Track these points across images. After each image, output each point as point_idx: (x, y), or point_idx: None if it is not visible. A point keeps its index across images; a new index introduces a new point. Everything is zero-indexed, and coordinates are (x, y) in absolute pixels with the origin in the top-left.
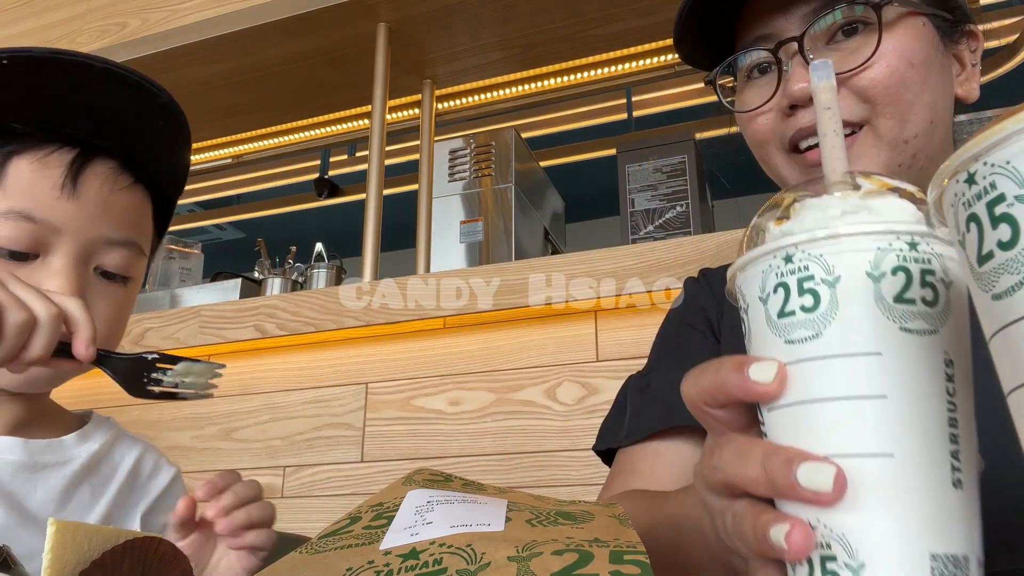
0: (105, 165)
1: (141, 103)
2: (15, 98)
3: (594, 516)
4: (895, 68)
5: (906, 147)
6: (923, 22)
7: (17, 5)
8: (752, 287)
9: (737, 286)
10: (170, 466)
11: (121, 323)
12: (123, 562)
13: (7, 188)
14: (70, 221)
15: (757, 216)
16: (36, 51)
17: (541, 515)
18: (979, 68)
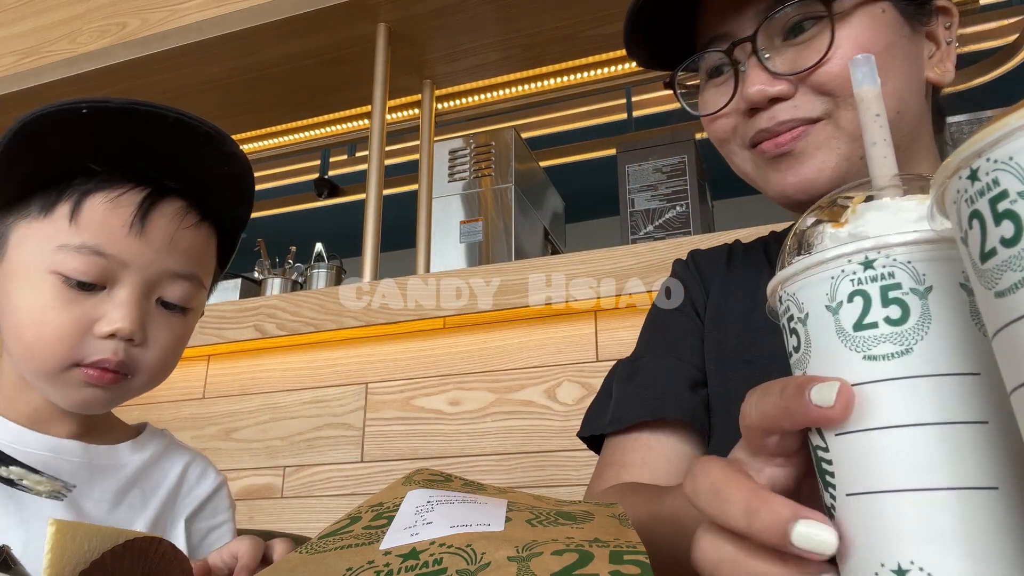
0: (173, 205)
1: (209, 150)
2: (93, 142)
3: (594, 516)
4: (844, 61)
5: None
6: (882, 8)
7: (17, 5)
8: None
9: (788, 296)
10: (216, 475)
11: (177, 352)
12: (123, 562)
13: (81, 224)
14: (137, 257)
15: (805, 217)
16: (114, 102)
17: (541, 515)
18: (955, 45)
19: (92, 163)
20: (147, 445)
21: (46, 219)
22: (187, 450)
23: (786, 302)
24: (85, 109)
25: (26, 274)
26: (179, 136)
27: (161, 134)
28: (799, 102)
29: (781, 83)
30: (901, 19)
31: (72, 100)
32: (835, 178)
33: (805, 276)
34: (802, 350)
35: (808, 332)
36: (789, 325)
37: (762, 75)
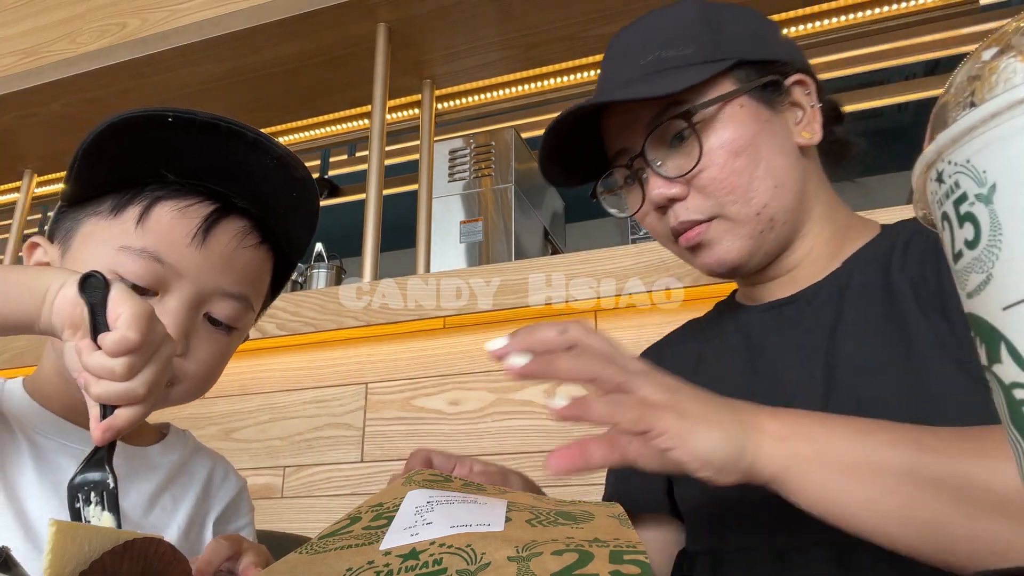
0: (236, 223)
1: (281, 173)
2: (172, 151)
3: (594, 516)
4: (724, 163)
5: (759, 218)
6: (740, 104)
7: (17, 5)
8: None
9: (957, 166)
10: (238, 478)
11: (217, 369)
12: (122, 562)
13: (146, 228)
14: (193, 269)
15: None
16: (200, 115)
17: (541, 515)
18: (818, 106)
19: (167, 171)
20: (175, 446)
21: (115, 219)
22: (210, 452)
23: (952, 178)
24: (171, 118)
25: (85, 270)
26: (254, 155)
27: (237, 151)
28: (691, 203)
29: (675, 186)
30: (761, 105)
31: (159, 108)
32: (743, 253)
33: (990, 129)
34: (983, 243)
35: (995, 213)
36: (957, 210)
37: (658, 181)
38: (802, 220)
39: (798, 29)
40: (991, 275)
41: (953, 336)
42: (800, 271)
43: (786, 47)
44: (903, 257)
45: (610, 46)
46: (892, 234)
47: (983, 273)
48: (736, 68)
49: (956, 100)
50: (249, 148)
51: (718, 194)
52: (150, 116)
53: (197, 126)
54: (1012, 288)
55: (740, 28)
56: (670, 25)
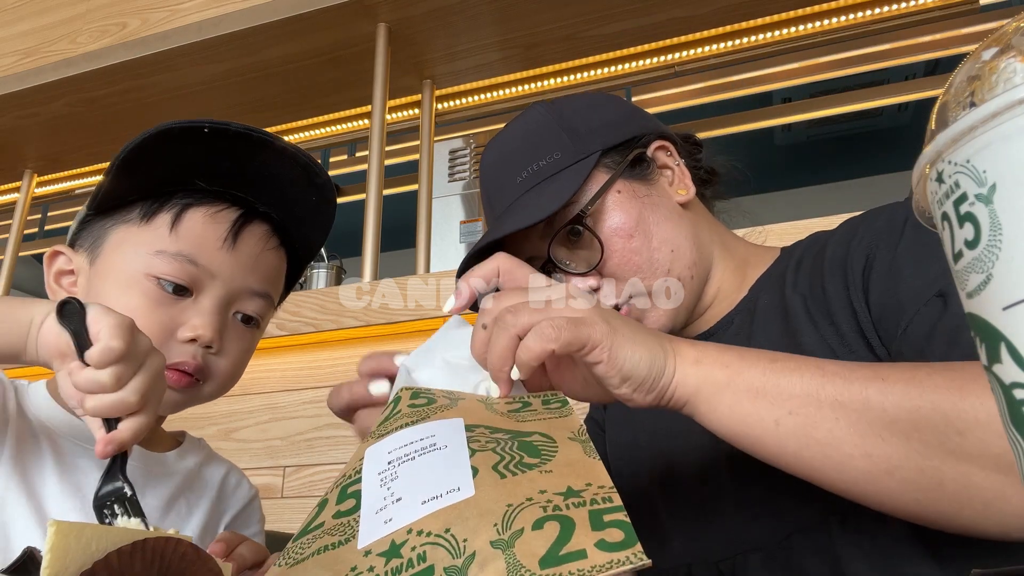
0: (261, 227)
1: (305, 180)
2: (204, 159)
3: (556, 444)
4: (622, 248)
5: (670, 279)
6: (618, 190)
7: (17, 5)
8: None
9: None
10: (250, 487)
11: (244, 363)
12: (134, 562)
13: (180, 233)
14: (224, 270)
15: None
16: (233, 126)
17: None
18: (683, 163)
19: (199, 179)
20: (190, 453)
21: (146, 226)
22: (223, 460)
23: (952, 177)
24: (207, 129)
25: (120, 275)
26: (280, 163)
27: (264, 159)
28: (607, 290)
29: (589, 279)
30: (636, 184)
31: (194, 120)
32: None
33: (990, 129)
34: (983, 243)
35: (995, 213)
36: (957, 210)
37: (573, 277)
38: (706, 266)
39: (798, 29)
40: (991, 275)
41: (841, 341)
42: (714, 308)
43: (638, 120)
44: (795, 275)
45: (482, 170)
46: (787, 256)
47: (983, 273)
48: (603, 157)
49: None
50: (276, 156)
51: (627, 275)
52: (186, 128)
53: (230, 136)
54: (1012, 288)
55: (594, 120)
56: (532, 137)
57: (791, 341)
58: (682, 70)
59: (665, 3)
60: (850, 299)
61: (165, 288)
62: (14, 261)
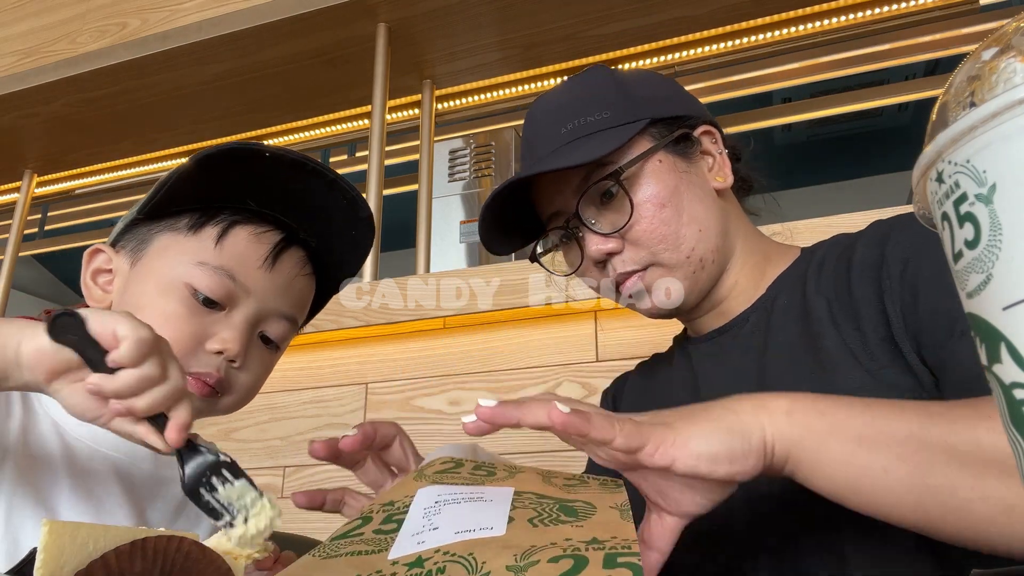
0: (298, 253)
1: (348, 212)
2: (257, 181)
3: (596, 510)
4: (652, 216)
5: (691, 260)
6: (659, 159)
7: (17, 5)
8: (1008, 156)
9: (957, 166)
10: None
11: (261, 383)
12: (133, 562)
13: (224, 248)
14: (259, 289)
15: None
16: (291, 155)
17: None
18: (725, 153)
19: (251, 200)
20: None
21: (193, 236)
22: None
23: (952, 178)
24: (268, 154)
25: (160, 280)
26: (328, 194)
27: (314, 188)
28: (627, 255)
29: (610, 241)
30: (676, 158)
31: (257, 144)
32: (682, 294)
33: (990, 129)
34: (983, 243)
35: (995, 213)
36: (957, 210)
37: (595, 237)
38: (727, 256)
39: (798, 29)
40: (991, 275)
41: (864, 347)
42: (729, 302)
43: (690, 103)
44: (818, 276)
45: (529, 117)
46: (808, 256)
47: (983, 273)
48: (650, 126)
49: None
50: (325, 187)
51: (650, 244)
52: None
53: (287, 163)
54: (1012, 288)
55: (648, 91)
56: (585, 93)
57: (811, 343)
58: (682, 70)
59: (665, 3)
60: (883, 304)
61: (198, 299)
62: (14, 261)
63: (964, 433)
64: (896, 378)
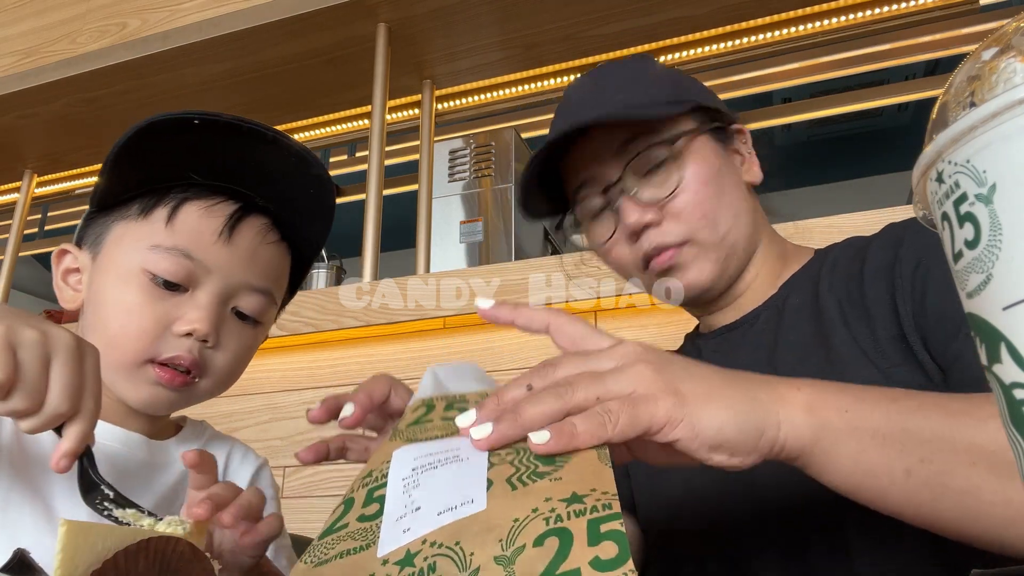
0: (259, 220)
1: (300, 171)
2: (197, 153)
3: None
4: (696, 191)
5: (725, 243)
6: (704, 140)
7: (17, 5)
8: (1008, 156)
9: (957, 166)
10: (256, 457)
11: (244, 361)
12: (138, 561)
13: (176, 228)
14: (221, 264)
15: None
16: (224, 117)
17: (521, 467)
18: (754, 154)
19: (194, 173)
20: (191, 439)
21: (144, 220)
22: (227, 438)
23: (952, 178)
24: (197, 120)
25: (118, 270)
26: (273, 154)
27: (258, 151)
28: (665, 228)
29: (650, 212)
30: (718, 145)
31: (184, 111)
32: (713, 276)
33: (990, 129)
34: (983, 243)
35: (995, 213)
36: (957, 210)
37: (635, 207)
38: (752, 250)
39: (798, 29)
40: (991, 275)
41: (876, 346)
42: (745, 298)
43: (720, 103)
44: (830, 276)
45: (575, 85)
46: (822, 257)
47: (983, 273)
48: (695, 111)
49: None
50: (269, 147)
51: (690, 219)
52: (177, 119)
53: (220, 127)
54: (1012, 288)
55: (691, 82)
56: (632, 74)
57: (822, 342)
58: (682, 70)
59: (665, 3)
60: (895, 303)
61: (158, 283)
62: (14, 261)
63: (992, 434)
64: (907, 376)
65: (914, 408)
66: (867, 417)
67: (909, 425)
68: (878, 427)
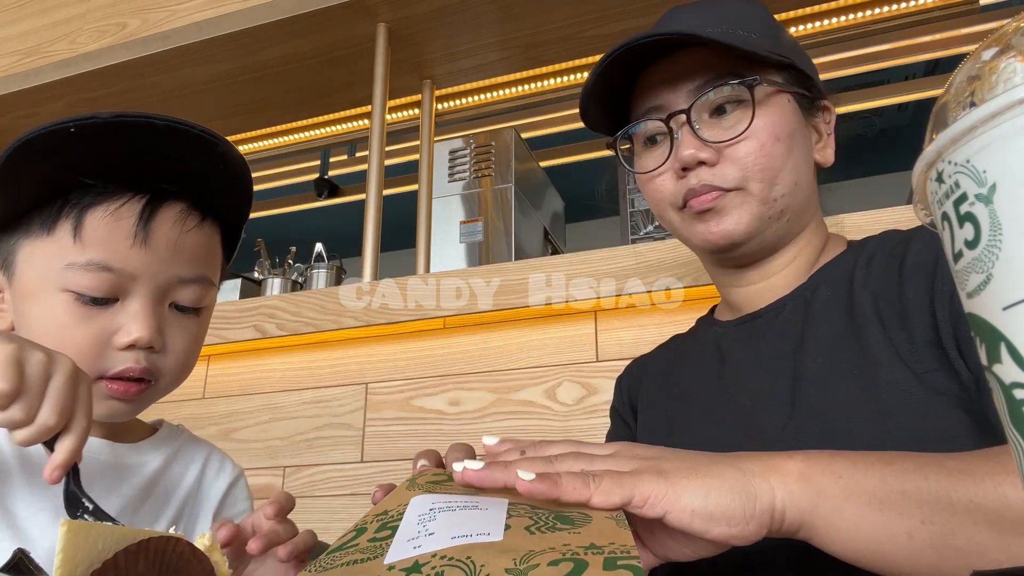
0: (173, 209)
1: (202, 153)
2: (86, 157)
3: (592, 519)
4: (764, 142)
5: (775, 204)
6: (788, 99)
7: (17, 5)
8: (1008, 155)
9: (957, 166)
10: (233, 467)
11: (195, 352)
12: (138, 562)
13: (85, 241)
14: (144, 267)
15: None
16: (102, 116)
17: (540, 521)
18: (833, 137)
19: (85, 177)
20: (166, 442)
21: (49, 237)
22: (204, 444)
23: (952, 178)
24: (72, 128)
25: (38, 293)
26: (171, 142)
27: (152, 142)
28: (719, 171)
29: (708, 150)
30: (799, 111)
31: (59, 120)
32: (750, 231)
33: (990, 129)
34: (983, 243)
35: (995, 213)
36: (957, 210)
37: (694, 141)
38: (800, 227)
39: (798, 29)
40: (991, 275)
41: (912, 348)
42: (778, 278)
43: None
44: (866, 272)
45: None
46: (857, 250)
47: (983, 273)
48: (788, 69)
49: (956, 100)
50: (164, 136)
51: (749, 168)
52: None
53: (102, 128)
54: (1012, 288)
55: (793, 43)
56: (738, 11)
57: (856, 342)
58: None
59: (665, 3)
60: (933, 306)
61: (84, 301)
62: None
63: (991, 492)
64: (942, 383)
65: (911, 470)
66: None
67: (906, 487)
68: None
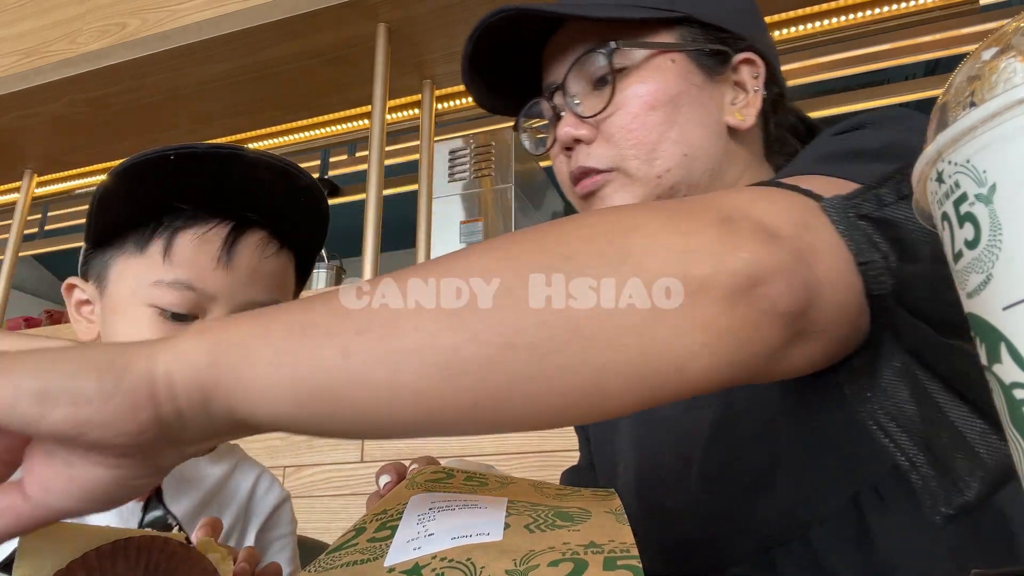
0: (255, 236)
1: (286, 184)
2: (181, 184)
3: (591, 514)
4: (634, 114)
5: (659, 182)
6: (672, 59)
7: (17, 5)
8: (1008, 156)
9: (957, 166)
10: (281, 490)
11: None
12: (115, 561)
13: (174, 260)
14: (224, 289)
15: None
16: (199, 148)
17: (539, 519)
18: (761, 93)
19: (180, 203)
20: (224, 458)
21: (142, 256)
22: (256, 464)
23: (952, 178)
24: (172, 156)
25: (126, 307)
26: (258, 174)
27: (241, 172)
28: (594, 150)
29: (583, 127)
30: (695, 69)
31: (159, 148)
32: None
33: (990, 129)
34: (983, 243)
35: (995, 213)
36: (957, 210)
37: (571, 119)
38: None
39: (798, 29)
40: (991, 275)
41: None
42: None
43: (749, 24)
44: None
45: None
46: None
47: (983, 273)
48: (684, 24)
49: (956, 100)
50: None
51: (622, 145)
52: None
53: (200, 157)
54: (1012, 288)
55: None
56: None
57: None
58: None
59: None
60: None
61: (167, 317)
62: (14, 261)
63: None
64: None
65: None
66: (279, 315)
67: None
68: (295, 318)
